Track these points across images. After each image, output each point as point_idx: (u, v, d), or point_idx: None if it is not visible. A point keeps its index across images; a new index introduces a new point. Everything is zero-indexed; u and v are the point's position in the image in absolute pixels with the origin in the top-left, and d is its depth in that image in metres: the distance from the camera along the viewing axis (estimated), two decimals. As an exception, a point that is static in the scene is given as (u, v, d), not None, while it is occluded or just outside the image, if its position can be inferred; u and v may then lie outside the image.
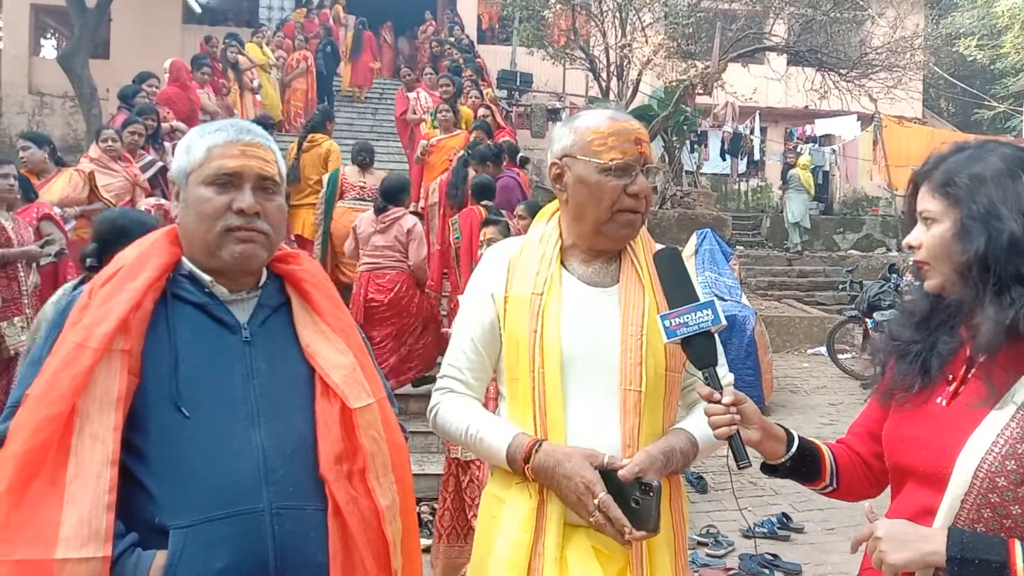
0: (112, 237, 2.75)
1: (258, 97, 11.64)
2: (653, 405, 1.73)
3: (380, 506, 1.38)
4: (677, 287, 1.62)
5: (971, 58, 21.44)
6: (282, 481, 1.34)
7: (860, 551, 1.46)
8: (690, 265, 8.61)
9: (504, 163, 7.10)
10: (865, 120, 17.36)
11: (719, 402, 1.52)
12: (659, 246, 1.93)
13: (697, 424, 1.81)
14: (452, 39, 15.54)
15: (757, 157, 17.23)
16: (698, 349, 1.56)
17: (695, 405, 1.88)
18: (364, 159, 7.27)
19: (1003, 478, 1.31)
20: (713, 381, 1.55)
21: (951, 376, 1.45)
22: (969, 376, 1.43)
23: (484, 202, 6.17)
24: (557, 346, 1.71)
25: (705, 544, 4.79)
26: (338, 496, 1.35)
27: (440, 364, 1.96)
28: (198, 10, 18.47)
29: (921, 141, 19.28)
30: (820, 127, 17.94)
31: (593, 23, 11.26)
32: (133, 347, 1.32)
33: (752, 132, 17.42)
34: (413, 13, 17.77)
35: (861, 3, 13.04)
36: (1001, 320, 1.34)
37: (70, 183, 5.72)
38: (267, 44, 12.88)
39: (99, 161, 6.21)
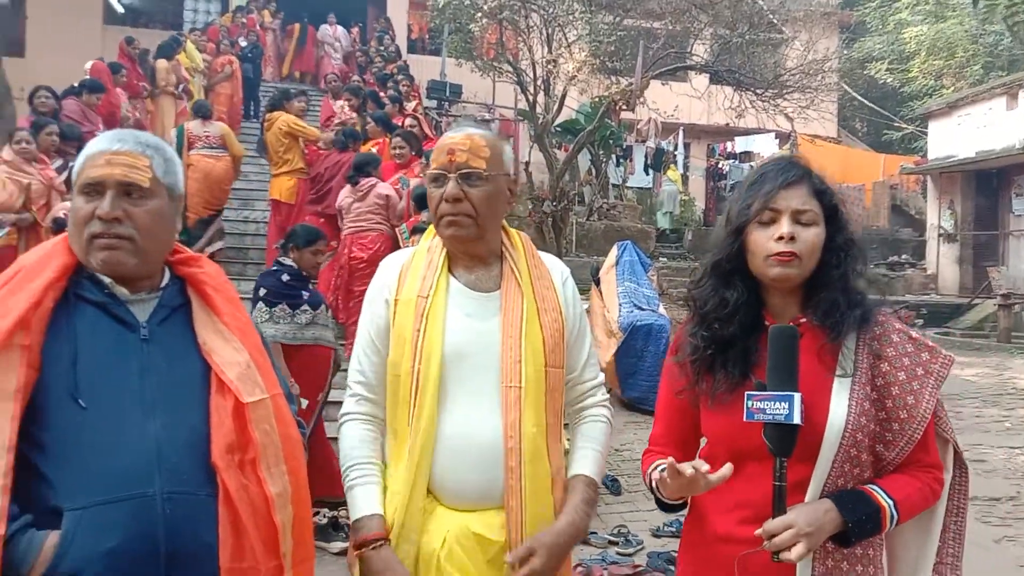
0: None
1: (185, 103, 11.44)
2: (535, 399, 1.84)
3: (270, 493, 1.47)
4: (779, 369, 1.57)
5: (882, 81, 22.47)
6: (174, 468, 1.42)
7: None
8: (611, 276, 8.64)
9: None
10: (783, 138, 18.05)
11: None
12: (546, 255, 2.06)
13: (585, 461, 1.93)
14: (381, 48, 15.57)
15: (680, 172, 17.75)
16: (771, 435, 1.56)
17: (582, 397, 2.01)
18: (204, 111, 8.64)
19: (860, 433, 1.60)
20: (781, 473, 1.55)
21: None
22: None
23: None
24: (439, 345, 1.81)
25: (616, 543, 4.96)
26: (228, 483, 1.44)
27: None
28: (120, 10, 18.06)
29: (835, 159, 20.08)
30: (740, 144, 18.57)
31: (520, 38, 11.46)
32: (33, 343, 1.40)
33: (676, 148, 17.90)
34: (344, 19, 17.73)
35: (777, 25, 13.58)
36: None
37: (5, 189, 5.58)
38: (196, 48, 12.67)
39: (13, 164, 6.08)
